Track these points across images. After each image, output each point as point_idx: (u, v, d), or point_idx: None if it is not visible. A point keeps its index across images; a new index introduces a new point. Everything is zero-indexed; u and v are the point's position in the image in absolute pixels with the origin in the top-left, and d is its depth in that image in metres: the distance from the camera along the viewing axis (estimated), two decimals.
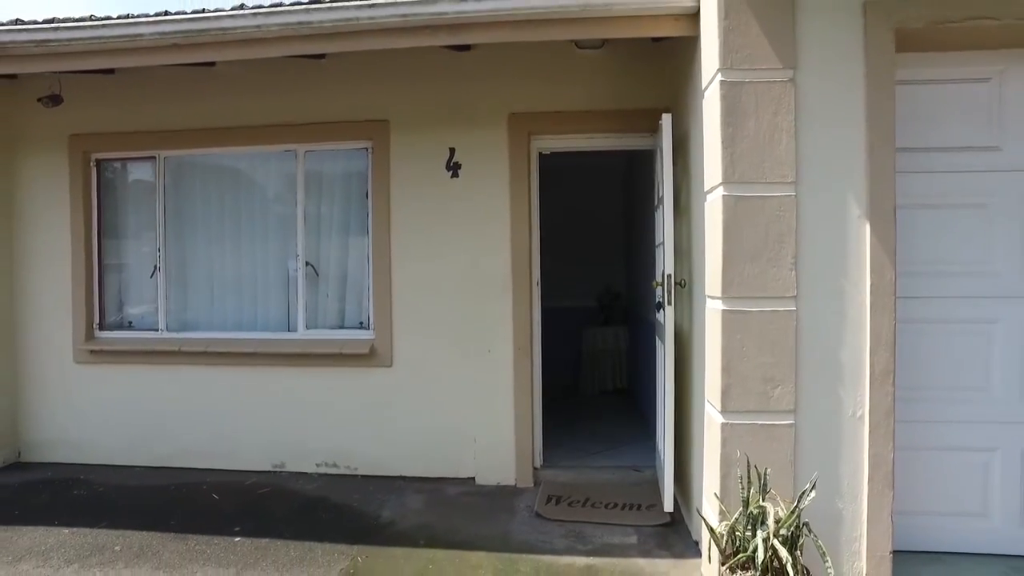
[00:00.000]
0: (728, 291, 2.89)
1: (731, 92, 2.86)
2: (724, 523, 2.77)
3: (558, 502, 4.16)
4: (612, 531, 3.77)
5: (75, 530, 3.84)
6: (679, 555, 3.48)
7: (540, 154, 4.63)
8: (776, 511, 2.65)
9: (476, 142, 4.56)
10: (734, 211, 2.86)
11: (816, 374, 2.89)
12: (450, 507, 4.17)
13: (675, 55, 4.06)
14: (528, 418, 4.54)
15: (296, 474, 4.78)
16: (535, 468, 4.58)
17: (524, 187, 4.51)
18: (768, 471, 2.76)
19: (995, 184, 3.12)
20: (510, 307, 4.53)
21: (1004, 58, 3.08)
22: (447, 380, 4.63)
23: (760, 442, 2.87)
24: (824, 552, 2.61)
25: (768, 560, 2.54)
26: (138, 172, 5.30)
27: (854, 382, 2.89)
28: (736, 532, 2.70)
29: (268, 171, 5.15)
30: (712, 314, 3.03)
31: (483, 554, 3.49)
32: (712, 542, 2.80)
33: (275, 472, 4.82)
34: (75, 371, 5.16)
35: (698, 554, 3.42)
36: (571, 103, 4.51)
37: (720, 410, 2.91)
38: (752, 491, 2.72)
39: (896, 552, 2.94)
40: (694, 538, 3.60)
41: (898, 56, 2.89)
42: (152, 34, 3.78)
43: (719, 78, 2.88)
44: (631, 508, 4.06)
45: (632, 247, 7.43)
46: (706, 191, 3.14)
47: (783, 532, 2.59)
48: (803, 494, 2.68)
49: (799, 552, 2.62)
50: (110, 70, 4.49)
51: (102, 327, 5.26)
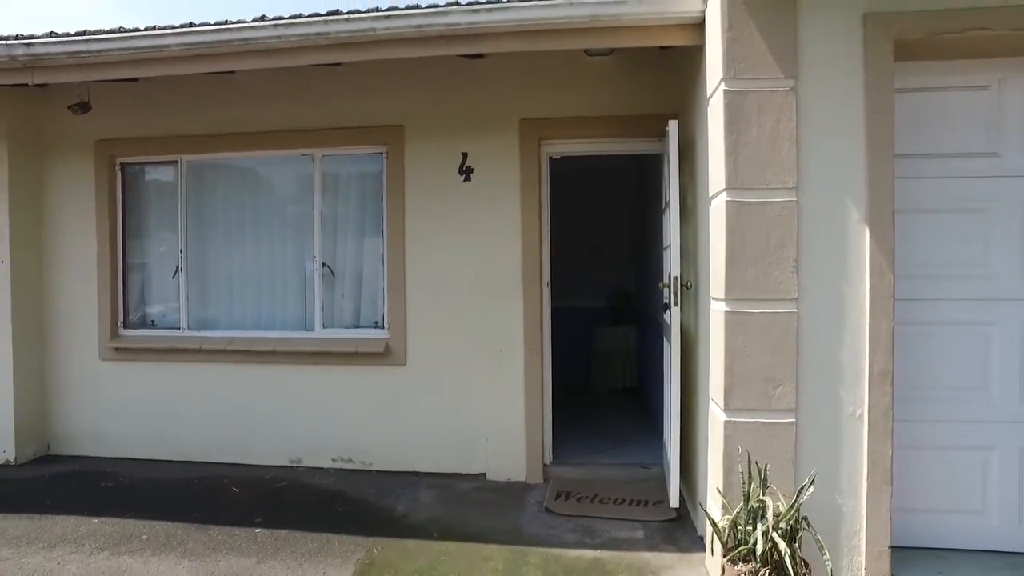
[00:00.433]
0: (731, 293, 2.99)
1: (734, 101, 2.96)
2: (726, 517, 2.87)
3: (567, 498, 4.27)
4: (620, 526, 3.88)
5: (104, 519, 4.00)
6: (684, 549, 3.58)
7: (550, 158, 4.74)
8: (776, 505, 2.74)
9: (488, 147, 4.68)
10: (737, 216, 2.96)
11: (816, 374, 2.98)
12: (462, 502, 4.29)
13: (682, 62, 4.15)
14: (538, 416, 4.65)
15: (313, 469, 4.92)
16: (545, 465, 4.69)
17: (535, 191, 4.63)
18: (768, 467, 2.86)
19: (994, 189, 3.19)
20: (521, 307, 4.64)
21: (1003, 66, 3.15)
22: (459, 378, 4.76)
23: (762, 439, 2.97)
24: (822, 545, 2.71)
25: (768, 552, 2.64)
26: (161, 176, 5.46)
27: (853, 382, 2.98)
28: (738, 526, 2.80)
29: (286, 175, 5.30)
30: (716, 315, 3.13)
31: (494, 546, 3.61)
32: (715, 535, 2.90)
33: (292, 467, 4.96)
34: (101, 368, 5.34)
35: (703, 548, 3.51)
36: (580, 109, 4.62)
37: (723, 408, 3.02)
38: (753, 486, 2.82)
39: (896, 548, 3.03)
40: (699, 533, 3.70)
41: (897, 65, 2.97)
42: (177, 45, 3.93)
43: (723, 87, 2.98)
44: (638, 504, 4.16)
45: (642, 248, 7.52)
46: (710, 196, 3.24)
47: (782, 526, 2.69)
48: (802, 489, 2.77)
49: (798, 545, 2.71)
50: (135, 78, 4.64)
51: (126, 325, 5.44)
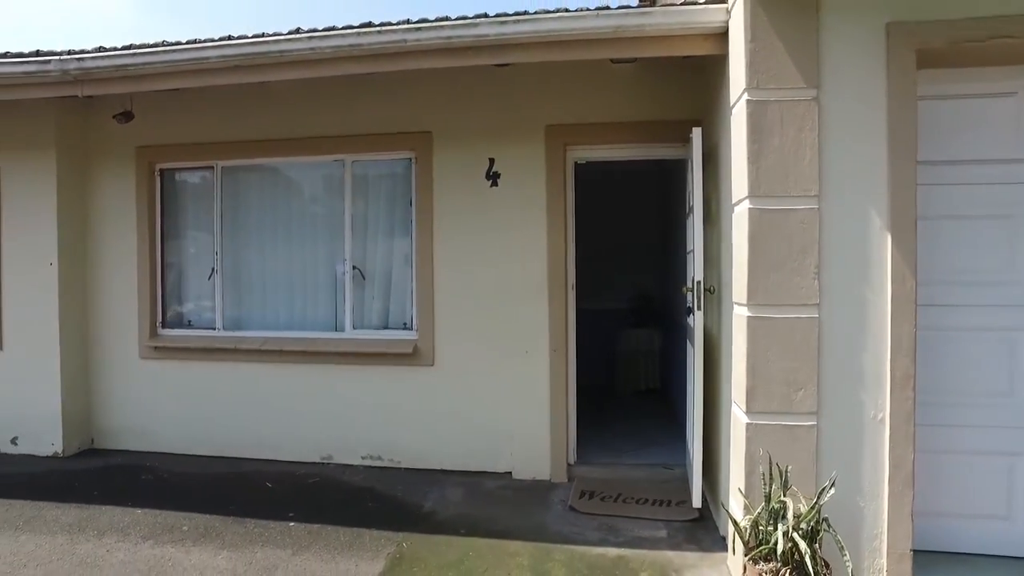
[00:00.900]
0: (753, 298, 3.05)
1: (757, 110, 3.02)
2: (748, 517, 2.93)
3: (591, 497, 4.35)
4: (643, 525, 3.95)
5: (146, 511, 4.18)
6: (706, 549, 3.64)
7: (575, 164, 4.82)
8: (797, 507, 2.80)
9: (515, 153, 4.78)
10: (759, 223, 3.02)
11: (838, 378, 3.02)
12: (488, 499, 4.40)
13: (705, 69, 4.21)
14: (563, 416, 4.74)
15: (343, 466, 5.06)
16: (569, 464, 4.78)
17: (560, 196, 4.72)
18: (789, 468, 2.91)
19: (1019, 195, 3.20)
20: (546, 310, 4.74)
21: None
22: (486, 379, 4.86)
23: (783, 442, 3.02)
24: (843, 546, 2.77)
25: (788, 552, 2.70)
26: (197, 180, 5.65)
27: (875, 386, 3.02)
28: (759, 526, 2.87)
29: (318, 179, 5.47)
30: (738, 320, 3.19)
31: (520, 543, 3.71)
32: (736, 535, 2.97)
33: (323, 464, 5.11)
34: (140, 366, 5.55)
35: (725, 548, 3.57)
36: (605, 115, 4.69)
37: (745, 411, 3.08)
38: (774, 487, 2.88)
39: (918, 552, 3.06)
40: (721, 533, 3.76)
41: (920, 72, 3.00)
42: (217, 57, 4.10)
43: (745, 97, 3.04)
44: (661, 504, 4.23)
45: (665, 251, 7.56)
46: (733, 203, 3.30)
47: (803, 526, 2.74)
48: (823, 490, 2.83)
49: (819, 546, 2.77)
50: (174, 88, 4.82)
51: (164, 325, 5.64)
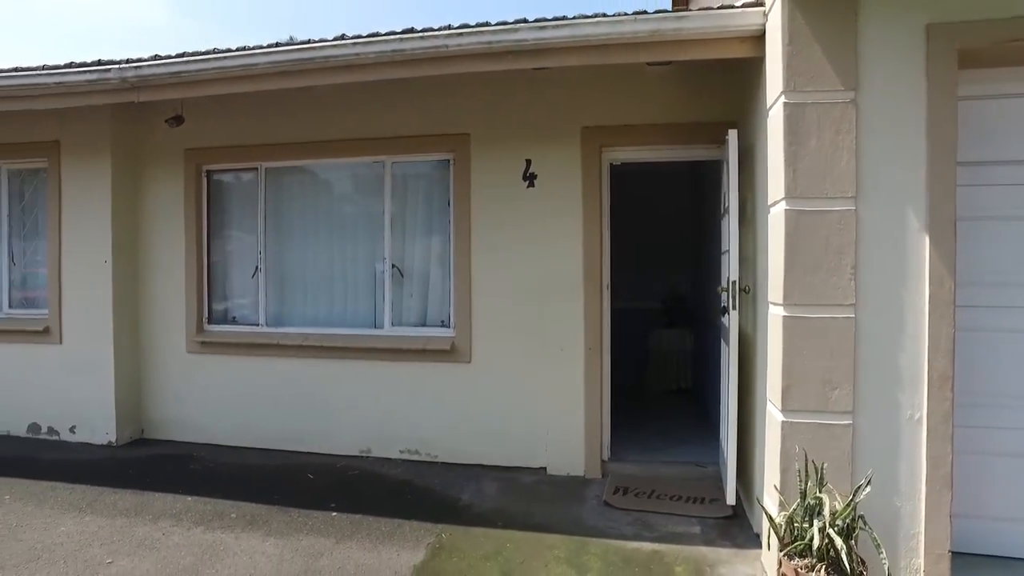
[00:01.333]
0: (789, 298, 3.09)
1: (794, 113, 3.06)
2: (783, 513, 2.98)
3: (625, 492, 4.42)
4: (676, 521, 4.01)
5: (196, 498, 4.37)
6: (740, 545, 3.69)
7: (611, 165, 4.89)
8: (833, 504, 2.83)
9: (551, 154, 4.86)
10: (796, 224, 3.06)
11: (874, 378, 3.04)
12: (524, 494, 4.50)
13: (741, 71, 4.23)
14: (597, 413, 4.82)
15: (381, 459, 5.21)
16: (603, 461, 4.85)
17: (596, 196, 4.79)
18: (825, 466, 2.95)
19: None
20: (582, 308, 4.81)
21: None
22: (522, 376, 4.95)
23: (819, 440, 3.05)
24: (879, 544, 2.79)
25: (824, 548, 2.74)
26: (242, 181, 5.84)
27: (912, 386, 3.03)
28: (794, 522, 2.91)
29: (358, 180, 5.61)
30: (774, 319, 3.23)
31: (556, 536, 3.80)
32: (771, 530, 3.01)
33: (362, 457, 5.26)
34: (187, 360, 5.77)
35: (759, 545, 3.61)
36: (640, 117, 4.75)
37: (780, 409, 3.12)
38: (809, 484, 2.92)
39: (957, 554, 3.06)
40: (755, 531, 3.80)
41: (960, 72, 2.99)
42: (265, 63, 4.27)
43: (783, 99, 3.08)
44: (695, 501, 4.28)
45: (698, 251, 7.56)
46: (769, 204, 3.34)
47: (839, 523, 2.78)
48: (858, 488, 2.86)
49: (854, 543, 2.80)
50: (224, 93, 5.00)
51: (210, 321, 5.85)
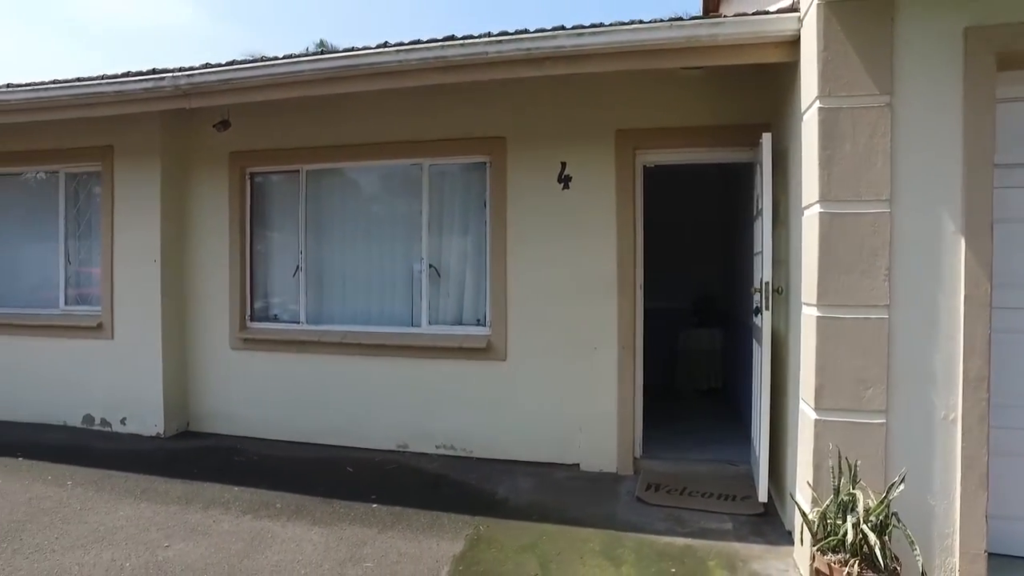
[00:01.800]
0: (823, 299, 3.14)
1: (829, 117, 3.11)
2: (816, 509, 3.04)
3: (657, 489, 4.50)
4: (708, 517, 4.08)
5: (243, 488, 4.56)
6: (772, 542, 3.74)
7: (644, 167, 4.97)
8: (866, 501, 2.89)
9: (585, 156, 4.96)
10: (830, 227, 3.11)
11: (908, 378, 3.09)
12: (558, 489, 4.60)
13: (774, 74, 4.27)
14: (630, 411, 4.90)
15: (418, 454, 5.35)
16: (635, 458, 4.93)
17: (629, 198, 4.87)
18: (858, 463, 3.00)
19: None
20: (615, 308, 4.90)
21: None
22: (556, 374, 5.06)
23: (852, 438, 3.10)
24: (913, 541, 2.84)
25: (857, 543, 2.80)
26: (284, 184, 6.03)
27: (946, 387, 3.06)
28: (827, 518, 2.97)
29: (396, 182, 5.78)
30: (807, 319, 3.29)
31: (591, 530, 3.90)
32: (804, 526, 3.07)
33: (399, 451, 5.41)
34: (231, 356, 5.99)
35: (791, 543, 3.66)
36: (674, 120, 4.82)
37: (814, 407, 3.18)
38: (843, 481, 2.98)
39: (993, 555, 3.08)
40: (787, 528, 3.85)
41: (998, 74, 3.01)
42: (311, 70, 4.44)
43: (817, 104, 3.14)
44: (726, 498, 4.34)
45: (729, 252, 7.58)
46: (803, 207, 3.39)
47: (872, 519, 2.83)
48: (892, 486, 2.90)
49: (888, 539, 2.84)
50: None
51: (252, 318, 6.06)
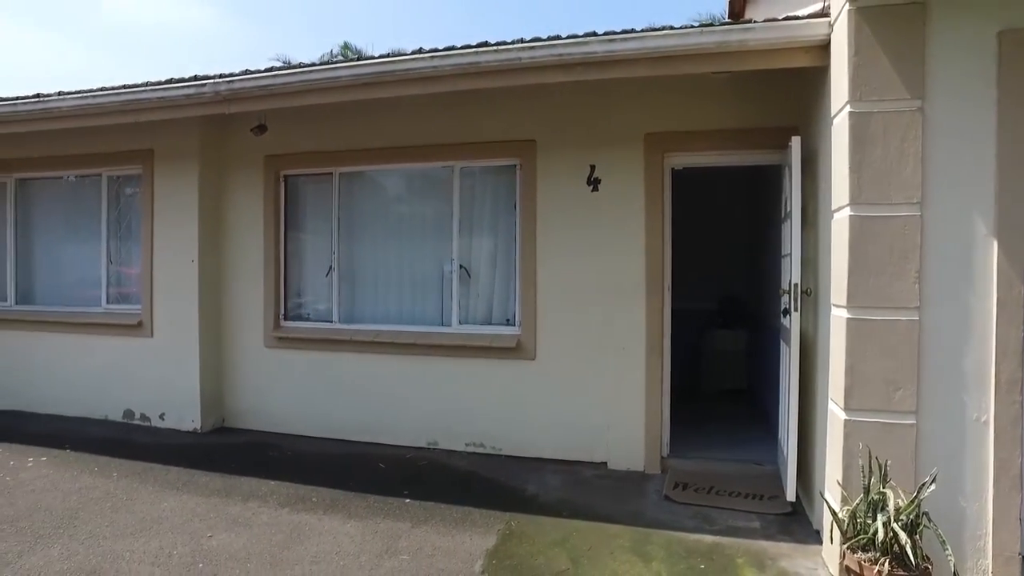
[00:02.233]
0: (853, 301, 3.18)
1: (859, 122, 3.15)
2: (845, 508, 3.07)
3: (684, 488, 4.55)
4: (736, 516, 4.12)
5: (279, 483, 4.69)
6: (801, 540, 3.78)
7: (672, 170, 5.01)
8: (897, 500, 2.92)
9: (614, 159, 5.02)
10: (860, 229, 3.15)
11: (939, 379, 3.12)
12: (586, 486, 4.67)
13: (804, 77, 4.28)
14: (657, 410, 4.96)
15: (447, 451, 5.45)
16: (662, 457, 4.99)
17: (658, 200, 4.93)
18: (888, 463, 3.03)
19: None
20: (643, 309, 4.96)
21: None
22: (585, 373, 5.13)
23: (881, 438, 3.14)
24: (944, 541, 2.86)
25: (888, 542, 2.83)
26: (317, 186, 6.16)
27: (978, 389, 3.09)
28: (857, 517, 3.00)
29: (427, 184, 5.89)
30: (836, 321, 3.33)
31: (620, 527, 3.97)
32: (834, 524, 3.11)
33: (429, 449, 5.52)
34: (265, 354, 6.15)
35: (819, 542, 3.70)
36: (703, 123, 4.87)
37: (843, 408, 3.22)
38: (873, 480, 3.01)
39: None
40: (815, 527, 3.88)
41: None
42: (348, 76, 4.57)
43: (848, 109, 3.18)
44: (754, 498, 4.38)
45: (755, 253, 7.59)
46: (833, 210, 3.43)
47: (903, 518, 2.86)
48: (923, 486, 2.93)
49: (919, 538, 2.87)
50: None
51: (286, 317, 6.21)
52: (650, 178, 4.93)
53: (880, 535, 2.82)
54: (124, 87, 5.16)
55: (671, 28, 3.85)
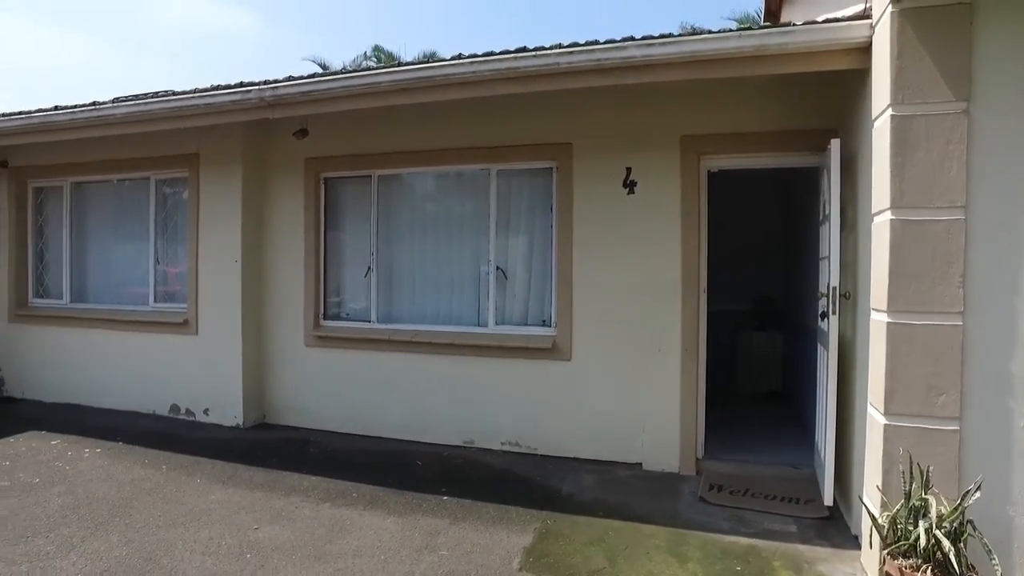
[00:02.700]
0: (893, 305, 3.16)
1: (901, 125, 3.12)
2: (885, 514, 3.05)
3: (720, 490, 4.55)
4: (772, 519, 4.12)
5: (319, 478, 4.82)
6: (838, 545, 3.76)
7: (709, 172, 5.01)
8: (939, 507, 2.89)
9: (650, 162, 5.04)
10: (901, 233, 3.12)
11: (983, 385, 3.07)
12: (621, 487, 4.70)
13: (843, 78, 4.22)
14: (693, 412, 4.96)
15: (483, 450, 5.54)
16: (697, 458, 4.99)
17: (694, 203, 4.93)
18: (930, 468, 3.00)
19: None
20: (679, 311, 4.97)
21: None
22: (620, 374, 5.16)
23: (923, 444, 3.11)
24: (990, 550, 2.80)
25: (930, 549, 2.78)
26: (356, 188, 6.30)
27: None
28: (897, 523, 2.97)
29: (464, 187, 5.97)
30: (876, 325, 3.30)
31: (655, 527, 4.00)
32: (873, 529, 3.09)
33: (465, 447, 5.61)
34: (305, 352, 6.31)
35: (857, 547, 3.67)
36: (739, 125, 4.86)
37: (883, 412, 3.19)
38: (914, 486, 2.99)
39: None
40: (853, 532, 3.85)
41: None
42: (388, 82, 4.67)
43: (889, 112, 3.15)
44: (790, 501, 4.36)
45: (791, 255, 7.51)
46: (873, 213, 3.40)
47: (946, 525, 2.82)
48: (967, 493, 2.88)
49: (963, 546, 2.82)
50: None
51: (325, 316, 6.36)
52: (686, 181, 4.94)
53: (922, 542, 2.79)
54: (173, 94, 5.35)
55: (709, 32, 3.86)
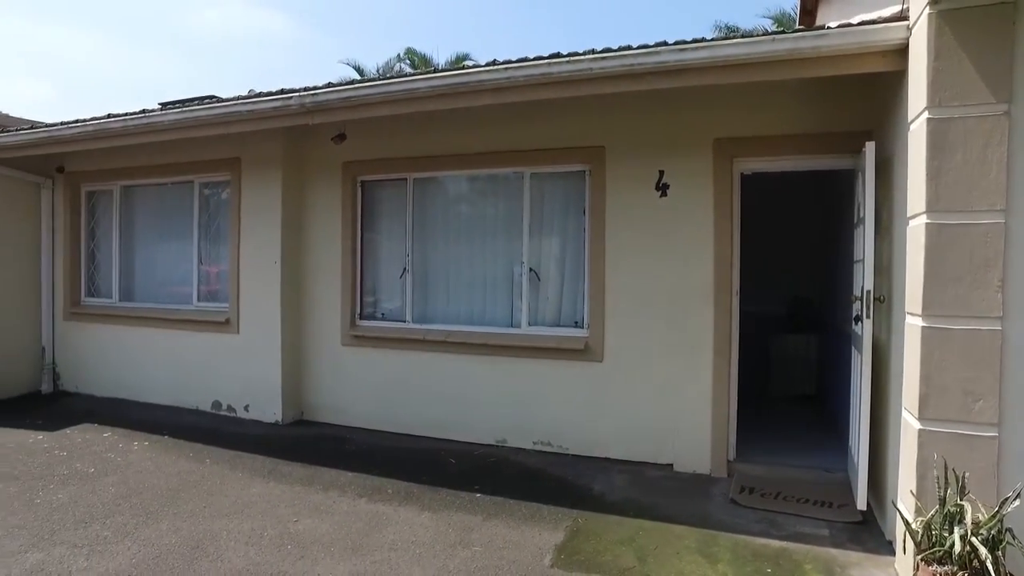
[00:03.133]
0: (929, 309, 3.14)
1: (938, 128, 3.11)
2: (919, 519, 3.03)
3: (751, 492, 4.55)
4: (804, 522, 4.10)
5: (355, 474, 4.95)
6: (871, 550, 3.74)
7: (742, 175, 5.00)
8: (975, 514, 2.86)
9: (683, 165, 5.06)
10: (937, 237, 3.11)
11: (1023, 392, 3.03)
12: (652, 487, 4.74)
13: (878, 80, 4.19)
14: (724, 414, 4.97)
15: (515, 449, 5.61)
16: (729, 461, 4.99)
17: (727, 206, 4.93)
18: (967, 475, 2.98)
19: None
20: (711, 314, 4.97)
21: None
22: (652, 375, 5.18)
23: (959, 450, 3.08)
24: None
25: (966, 556, 2.77)
26: (392, 191, 6.42)
27: None
28: (932, 529, 2.95)
29: (498, 189, 6.04)
30: (912, 329, 3.28)
31: (685, 528, 4.02)
32: (907, 535, 3.08)
33: (498, 446, 5.69)
34: (341, 352, 6.46)
35: (891, 552, 3.64)
36: (772, 128, 4.84)
37: (917, 417, 3.17)
38: (949, 492, 2.97)
39: None
40: (887, 537, 3.82)
41: None
42: (425, 88, 4.78)
43: (926, 115, 3.13)
44: (822, 505, 4.34)
45: (825, 257, 7.43)
46: (909, 217, 3.37)
47: (983, 532, 2.80)
48: (1006, 500, 2.87)
49: (1001, 554, 2.80)
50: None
51: (361, 317, 6.50)
52: (719, 183, 4.94)
53: (957, 548, 2.78)
54: (217, 101, 5.55)
55: (742, 36, 3.87)
